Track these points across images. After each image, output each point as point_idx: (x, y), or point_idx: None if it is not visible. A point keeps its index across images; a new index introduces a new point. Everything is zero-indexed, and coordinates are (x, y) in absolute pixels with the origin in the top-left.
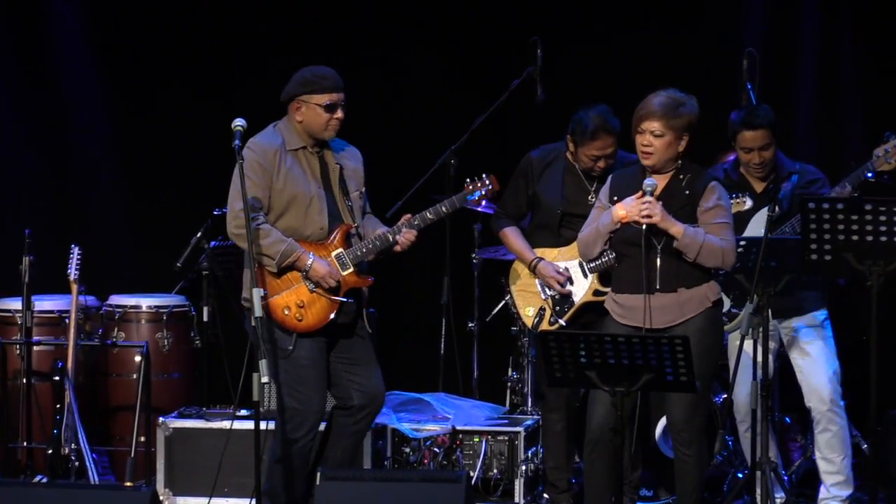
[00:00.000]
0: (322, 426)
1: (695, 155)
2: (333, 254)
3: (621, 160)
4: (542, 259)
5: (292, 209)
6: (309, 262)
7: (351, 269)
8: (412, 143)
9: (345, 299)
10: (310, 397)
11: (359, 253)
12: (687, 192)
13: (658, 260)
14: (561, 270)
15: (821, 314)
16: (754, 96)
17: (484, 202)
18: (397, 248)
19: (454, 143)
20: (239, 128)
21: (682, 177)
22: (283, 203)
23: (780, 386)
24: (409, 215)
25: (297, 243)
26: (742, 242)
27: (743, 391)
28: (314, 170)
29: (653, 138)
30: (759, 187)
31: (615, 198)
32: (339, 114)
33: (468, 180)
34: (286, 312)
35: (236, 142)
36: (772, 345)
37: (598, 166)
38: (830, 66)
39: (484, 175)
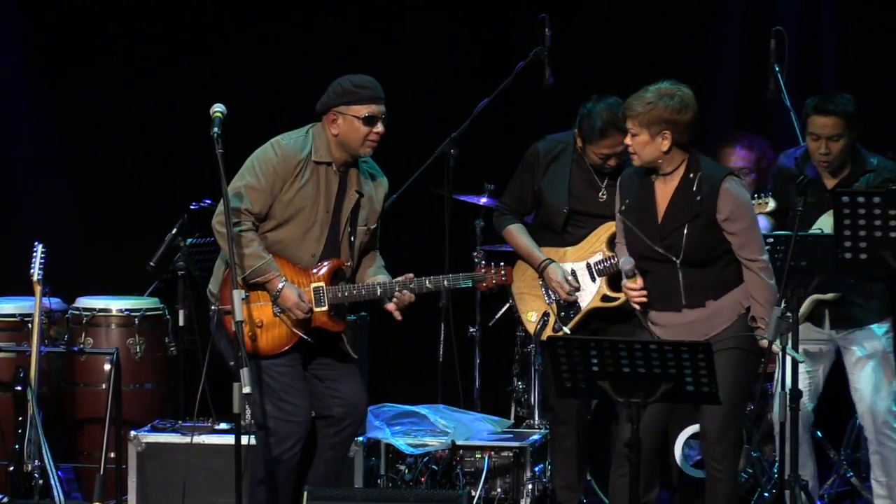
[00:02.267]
0: None
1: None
2: (312, 286)
3: None
4: (552, 261)
5: (292, 225)
6: (280, 287)
7: (325, 308)
8: (408, 130)
9: (306, 337)
10: (294, 406)
11: (339, 294)
12: (699, 197)
13: (679, 275)
14: (570, 279)
15: (881, 327)
16: (783, 80)
17: (492, 186)
18: (392, 306)
19: (454, 130)
20: (218, 114)
21: (692, 176)
22: (284, 216)
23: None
24: (411, 275)
25: (274, 263)
26: (769, 240)
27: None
28: (330, 192)
29: (630, 138)
30: (829, 183)
31: (627, 200)
32: (380, 128)
33: (484, 263)
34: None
35: (215, 129)
36: (822, 350)
37: (609, 164)
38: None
39: (502, 264)
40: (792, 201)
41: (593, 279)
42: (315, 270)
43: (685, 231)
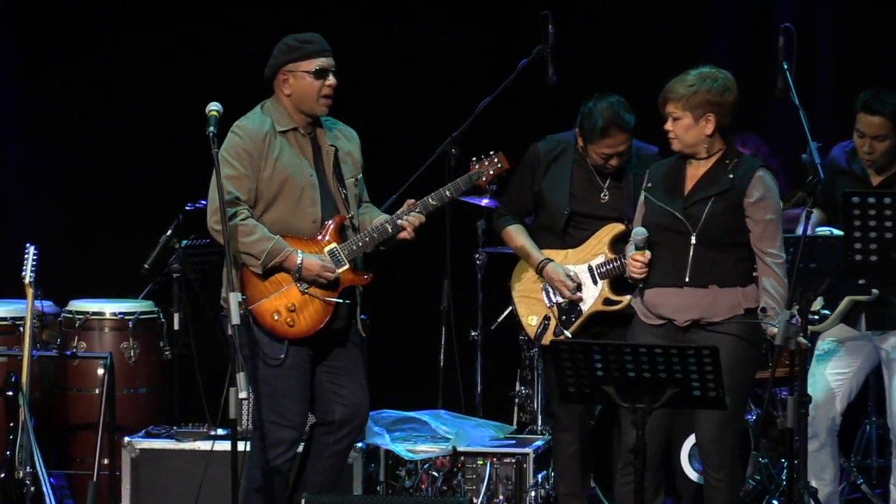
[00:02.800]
0: (300, 447)
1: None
2: (326, 250)
3: (637, 152)
4: (551, 260)
5: (282, 199)
6: (299, 261)
7: (346, 266)
8: (407, 129)
9: (341, 300)
10: (291, 411)
11: (354, 247)
12: (731, 176)
13: (691, 250)
14: (571, 275)
15: None
16: (791, 78)
17: (494, 187)
18: (404, 234)
19: (455, 129)
20: (214, 113)
21: (727, 162)
22: (271, 193)
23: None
24: (411, 201)
25: (284, 241)
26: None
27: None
28: (306, 154)
29: (672, 122)
30: (875, 180)
31: (649, 184)
32: (331, 80)
33: (474, 159)
34: (276, 318)
35: (211, 129)
36: (861, 348)
37: (611, 164)
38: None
39: (492, 153)
40: (838, 195)
41: (595, 282)
42: (321, 235)
43: (709, 205)
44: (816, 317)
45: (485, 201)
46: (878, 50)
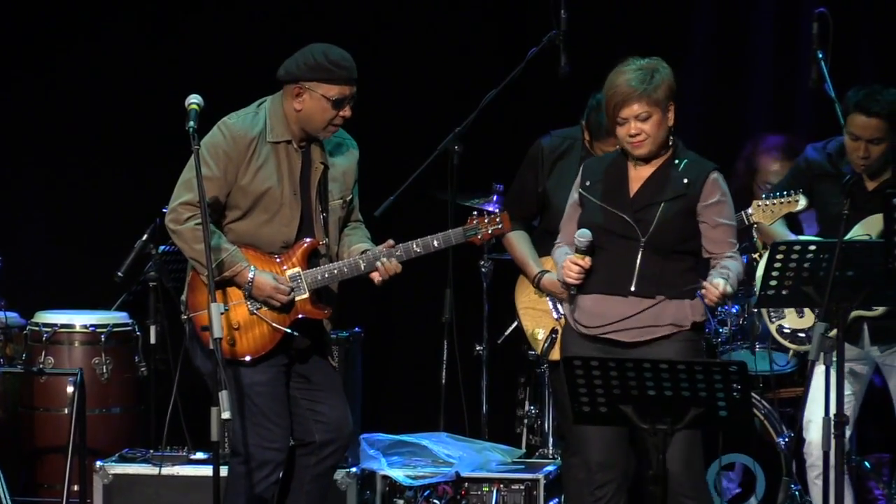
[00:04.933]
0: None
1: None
2: (288, 273)
3: None
4: (547, 272)
5: (257, 212)
6: (250, 277)
7: (306, 295)
8: (407, 125)
9: (289, 330)
10: (271, 431)
11: (320, 277)
12: (685, 180)
13: (639, 257)
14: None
15: None
16: (826, 69)
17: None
18: (375, 275)
19: (458, 124)
20: (194, 106)
21: (676, 161)
22: (247, 203)
23: (858, 422)
24: (391, 242)
25: (241, 254)
26: (811, 247)
27: (815, 429)
28: (293, 170)
29: (640, 124)
30: (869, 185)
31: (587, 182)
32: (347, 111)
33: (474, 213)
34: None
35: (191, 123)
36: (862, 371)
37: None
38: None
39: (496, 212)
40: (825, 201)
41: None
42: (287, 257)
43: (660, 210)
44: (802, 334)
45: (491, 203)
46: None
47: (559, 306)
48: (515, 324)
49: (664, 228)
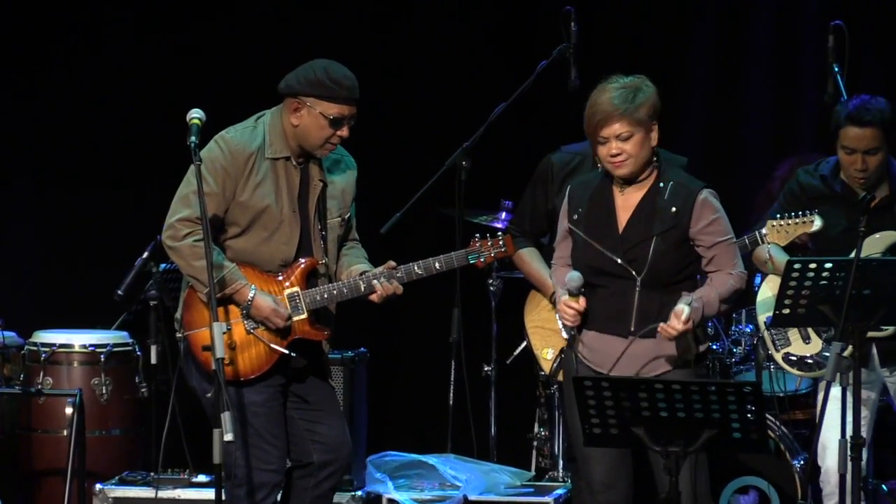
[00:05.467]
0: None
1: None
2: (286, 293)
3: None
4: None
5: (255, 230)
6: (250, 297)
7: (304, 316)
8: (414, 138)
9: (287, 351)
10: (268, 453)
11: (318, 297)
12: (674, 209)
13: (636, 296)
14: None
15: None
16: (842, 83)
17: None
18: (374, 297)
19: (466, 139)
20: (196, 121)
21: (661, 185)
22: (245, 220)
23: (874, 445)
24: (392, 263)
25: (239, 271)
26: (827, 265)
27: (831, 453)
28: (292, 187)
29: (621, 143)
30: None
31: (579, 209)
32: (345, 131)
33: (477, 236)
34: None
35: (192, 139)
36: (871, 395)
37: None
38: None
39: (499, 234)
40: (824, 223)
41: None
42: (285, 276)
43: (652, 245)
44: (810, 360)
45: (499, 220)
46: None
47: None
48: (525, 343)
49: (659, 264)
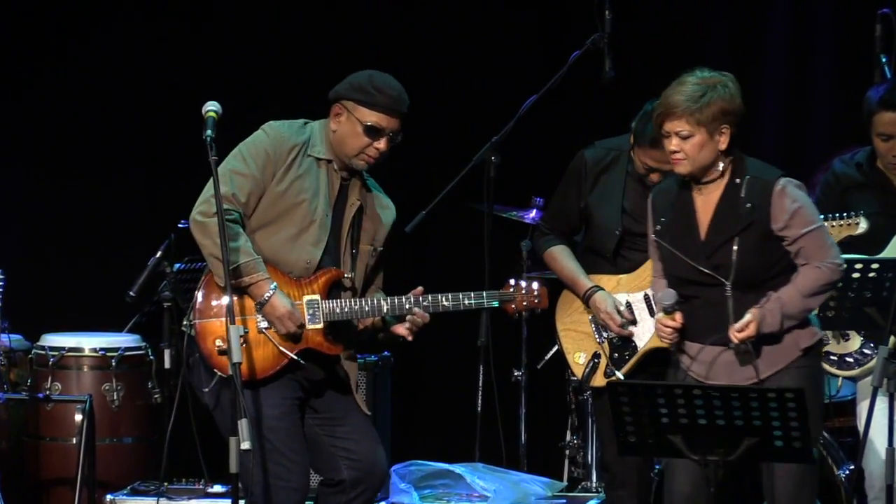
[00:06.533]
0: None
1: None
2: (306, 298)
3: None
4: (600, 289)
5: (284, 224)
6: (268, 294)
7: (320, 326)
8: (441, 133)
9: (296, 357)
10: (288, 470)
11: (338, 309)
12: (749, 205)
13: (729, 302)
14: (622, 309)
15: None
16: (889, 71)
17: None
18: (401, 330)
19: (495, 134)
20: (212, 114)
21: (738, 181)
22: (276, 212)
23: None
24: (420, 289)
25: (262, 264)
26: (874, 265)
27: (876, 460)
28: (332, 190)
29: (680, 141)
30: None
31: (662, 219)
32: (383, 144)
33: (512, 280)
34: (218, 345)
35: (208, 132)
36: None
37: (652, 178)
38: None
39: (535, 286)
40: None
41: (653, 314)
42: (308, 281)
43: (735, 246)
44: (850, 359)
45: (530, 216)
46: None
47: (602, 329)
48: (556, 347)
49: (745, 266)
